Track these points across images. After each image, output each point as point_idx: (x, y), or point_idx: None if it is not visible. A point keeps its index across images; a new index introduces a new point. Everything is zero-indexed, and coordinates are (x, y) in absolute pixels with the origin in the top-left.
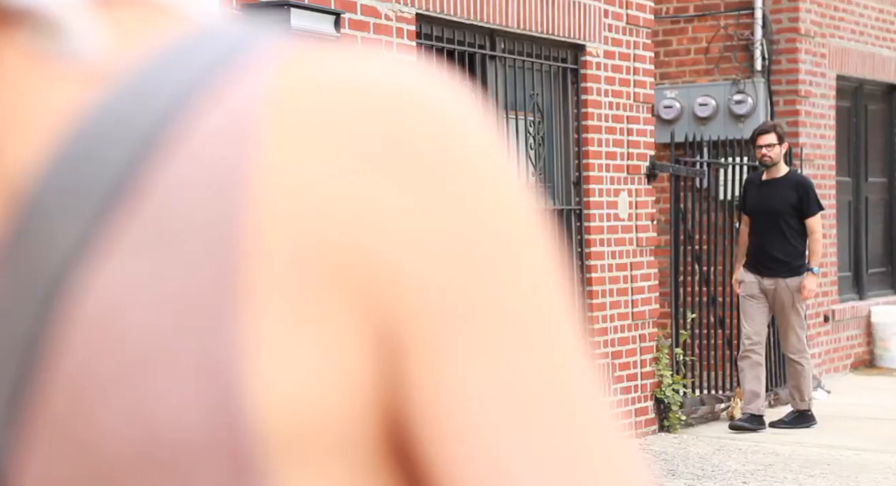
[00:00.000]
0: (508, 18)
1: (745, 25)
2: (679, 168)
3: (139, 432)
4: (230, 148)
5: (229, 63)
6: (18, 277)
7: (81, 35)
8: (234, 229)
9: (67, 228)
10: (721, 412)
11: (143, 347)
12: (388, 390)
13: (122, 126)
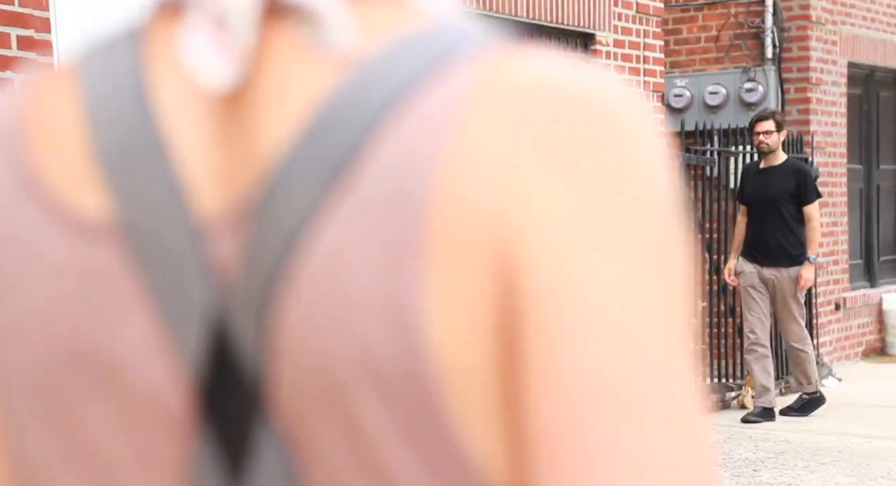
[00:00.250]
0: (518, 8)
1: (756, 13)
2: (689, 157)
3: (354, 355)
4: (428, 139)
5: (446, 60)
6: (268, 226)
7: (337, 28)
8: (421, 205)
9: (303, 195)
10: (731, 401)
11: (355, 290)
12: (508, 346)
13: (354, 109)
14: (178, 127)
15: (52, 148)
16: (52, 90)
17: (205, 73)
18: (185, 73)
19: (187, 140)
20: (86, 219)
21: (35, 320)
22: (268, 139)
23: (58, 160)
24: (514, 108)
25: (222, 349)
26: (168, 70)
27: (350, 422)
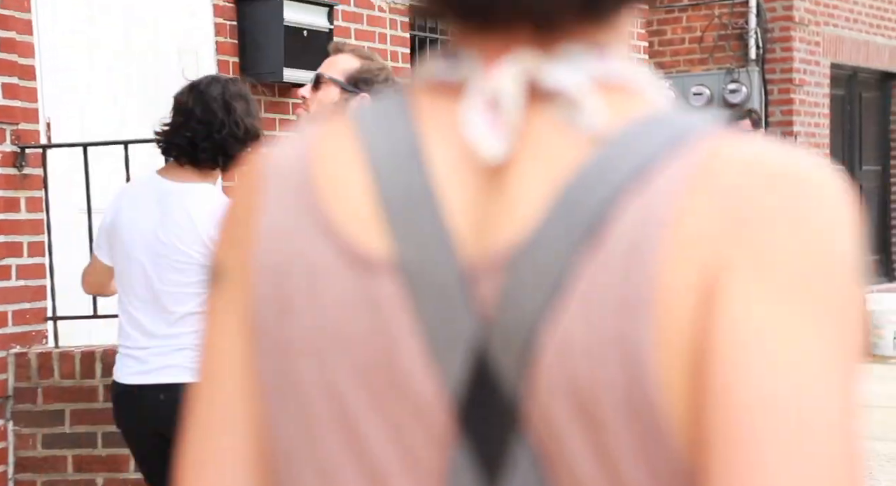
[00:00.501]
0: None
1: (739, 14)
2: None
3: (601, 384)
4: (661, 208)
5: (679, 142)
6: (528, 276)
7: (589, 110)
8: (653, 266)
9: (560, 251)
10: None
11: (600, 330)
12: (697, 376)
13: (602, 181)
14: (449, 185)
15: (339, 195)
16: (334, 145)
17: (482, 145)
18: (457, 141)
19: (456, 197)
20: (370, 256)
21: (324, 337)
22: (526, 204)
23: (345, 206)
24: (731, 183)
25: (482, 374)
26: (440, 137)
27: (598, 438)
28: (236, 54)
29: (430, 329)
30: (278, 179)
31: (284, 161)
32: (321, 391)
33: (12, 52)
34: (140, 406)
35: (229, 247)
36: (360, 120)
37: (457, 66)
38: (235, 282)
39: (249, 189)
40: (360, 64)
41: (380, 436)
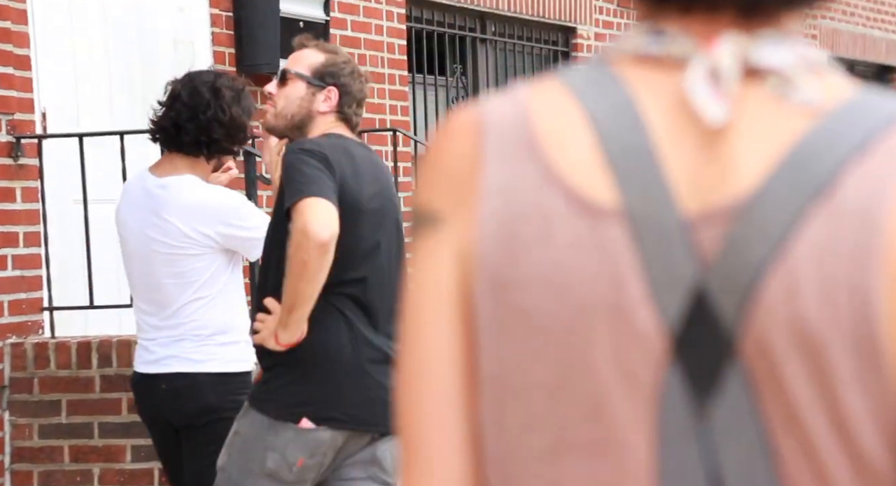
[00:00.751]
0: (499, 1)
1: None
2: None
3: (827, 318)
4: (886, 175)
5: (891, 122)
6: (753, 227)
7: (805, 87)
8: (880, 220)
9: (786, 206)
10: None
11: (830, 273)
12: None
13: (828, 148)
14: (667, 144)
15: (564, 149)
16: (552, 105)
17: (706, 110)
18: (673, 107)
19: (674, 155)
20: (599, 205)
21: (557, 272)
22: (748, 164)
23: (571, 158)
24: None
25: (699, 310)
26: (655, 103)
27: (817, 367)
28: (232, 46)
29: (653, 270)
30: (496, 134)
31: (500, 118)
32: (549, 320)
33: (7, 42)
34: (149, 395)
35: (442, 195)
36: (572, 84)
37: (665, 43)
38: (452, 226)
39: (463, 143)
40: (325, 58)
41: (603, 359)
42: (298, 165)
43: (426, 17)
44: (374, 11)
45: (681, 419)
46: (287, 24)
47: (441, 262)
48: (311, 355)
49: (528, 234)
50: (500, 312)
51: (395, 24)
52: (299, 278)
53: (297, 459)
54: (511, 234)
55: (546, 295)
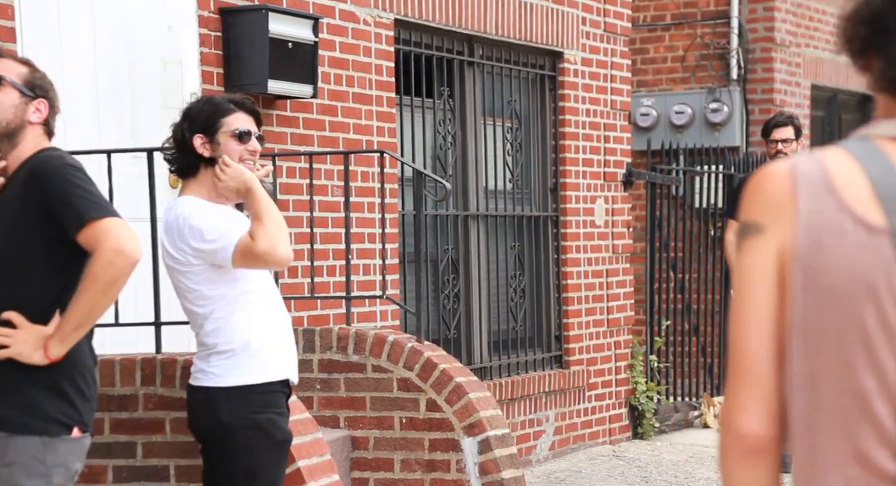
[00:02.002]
0: (487, 25)
1: (721, 34)
2: (655, 176)
3: (846, 270)
4: None
5: None
6: None
7: None
8: None
9: None
10: (694, 420)
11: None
12: None
13: None
14: None
15: (851, 191)
16: (843, 165)
17: None
18: None
19: None
20: (874, 225)
21: (848, 265)
22: None
23: (856, 197)
24: None
25: None
26: None
27: None
28: (221, 65)
29: None
30: (805, 179)
31: (807, 169)
32: (841, 297)
33: None
34: (187, 407)
35: (765, 215)
36: (851, 150)
37: None
38: (771, 235)
39: (782, 183)
40: (28, 70)
41: (870, 314)
42: (78, 182)
43: (414, 39)
44: (362, 33)
45: None
46: (276, 44)
47: (766, 251)
48: (70, 367)
49: (830, 240)
50: (807, 284)
51: (383, 46)
52: (103, 294)
53: (77, 468)
54: (817, 239)
55: (839, 276)
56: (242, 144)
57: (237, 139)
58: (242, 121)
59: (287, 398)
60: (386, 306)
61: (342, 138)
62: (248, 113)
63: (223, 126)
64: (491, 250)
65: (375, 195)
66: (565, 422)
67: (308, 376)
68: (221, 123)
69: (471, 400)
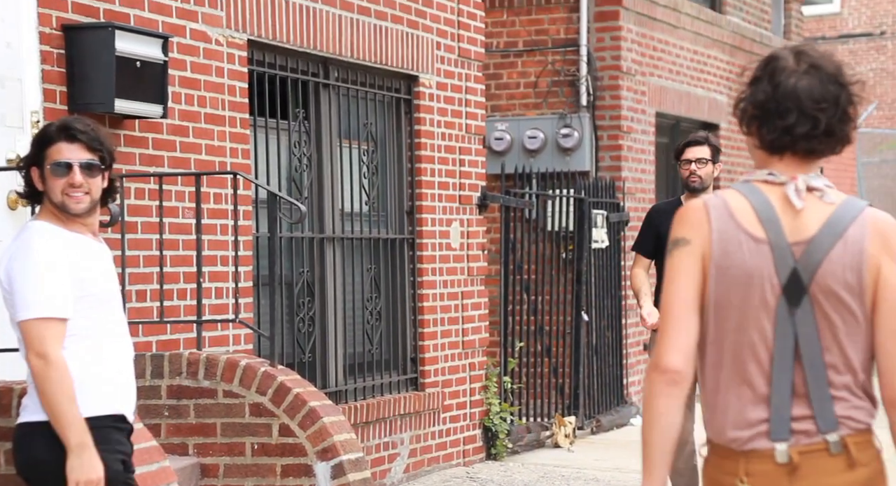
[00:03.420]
0: (342, 47)
1: (571, 61)
2: (509, 199)
3: (840, 281)
4: (861, 234)
5: (861, 209)
6: (815, 248)
7: (829, 195)
8: (862, 248)
9: (828, 241)
10: (546, 440)
11: (843, 262)
12: (876, 280)
13: (840, 220)
14: (781, 215)
15: (743, 216)
16: (737, 199)
17: (795, 202)
18: (783, 201)
19: (783, 219)
20: (759, 237)
21: (742, 263)
22: (809, 225)
23: (747, 220)
24: (881, 227)
25: (794, 276)
26: (776, 199)
27: (838, 300)
28: (64, 84)
29: (778, 262)
30: (714, 208)
31: (715, 203)
32: (738, 282)
33: None
34: None
35: (689, 231)
36: (741, 190)
37: (776, 177)
38: (694, 246)
39: (700, 212)
40: None
41: (756, 296)
42: None
43: (268, 60)
44: (214, 53)
45: (784, 316)
46: (123, 63)
47: (693, 254)
48: None
49: (732, 248)
50: (718, 276)
51: (236, 66)
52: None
53: None
54: (724, 247)
55: (738, 270)
56: (61, 179)
57: (54, 175)
58: (63, 152)
59: (127, 434)
60: (239, 330)
61: (194, 159)
62: (70, 141)
63: (46, 159)
64: (347, 273)
65: (229, 217)
66: (420, 444)
67: (156, 403)
68: (45, 155)
69: (325, 424)
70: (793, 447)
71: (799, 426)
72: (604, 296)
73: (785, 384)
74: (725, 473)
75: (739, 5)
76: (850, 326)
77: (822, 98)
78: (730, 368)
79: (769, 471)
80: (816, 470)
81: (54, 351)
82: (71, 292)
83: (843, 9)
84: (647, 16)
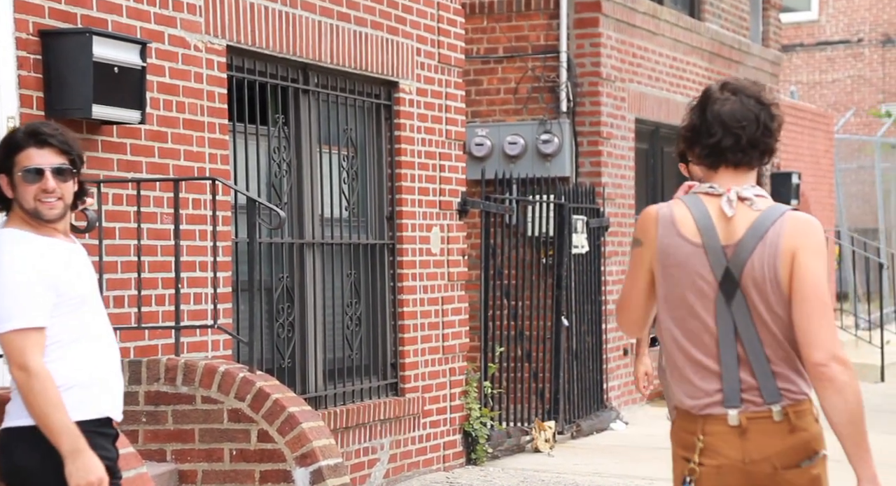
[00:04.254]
0: (321, 53)
1: (552, 68)
2: (489, 205)
3: (765, 276)
4: (780, 232)
5: (783, 213)
6: (742, 249)
7: (757, 202)
8: (778, 246)
9: (752, 243)
10: (526, 444)
11: (764, 261)
12: (791, 271)
13: (763, 223)
14: (716, 221)
15: (684, 225)
16: (680, 209)
17: (727, 211)
18: (718, 210)
19: (718, 225)
20: (696, 242)
21: (680, 262)
22: (738, 228)
23: (687, 228)
24: (797, 226)
25: (727, 273)
26: (713, 208)
27: (762, 291)
28: (41, 89)
29: (712, 262)
30: (662, 217)
31: (663, 211)
32: (681, 280)
33: None
34: None
35: (643, 234)
36: (685, 202)
37: (715, 189)
38: (645, 246)
39: (651, 219)
40: None
41: (694, 291)
42: None
43: (248, 66)
44: (193, 59)
45: (722, 307)
46: (101, 69)
47: (644, 255)
48: None
49: (672, 249)
50: (664, 274)
51: (215, 72)
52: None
53: None
54: (666, 249)
55: (679, 269)
56: (33, 185)
57: (26, 181)
58: (33, 157)
59: (112, 439)
60: (218, 336)
61: (172, 165)
62: (40, 145)
63: (16, 165)
64: (327, 278)
65: (207, 223)
66: (400, 450)
67: (133, 409)
68: (14, 161)
69: (304, 430)
70: (742, 412)
71: (747, 396)
72: (584, 301)
73: (731, 362)
74: (687, 432)
75: (718, 13)
76: (774, 312)
77: (743, 117)
78: (685, 349)
79: (722, 432)
80: (762, 433)
81: (34, 362)
82: (46, 300)
83: (821, 16)
84: (626, 23)
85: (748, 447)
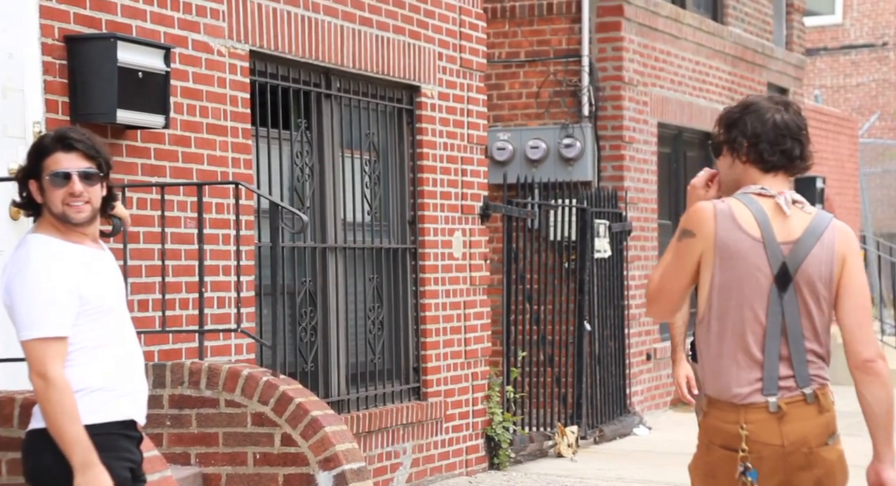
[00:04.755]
0: (344, 58)
1: (573, 72)
2: (511, 209)
3: (819, 274)
4: (833, 236)
5: (830, 220)
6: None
7: (807, 206)
8: (833, 248)
9: (810, 242)
10: (549, 449)
11: (820, 259)
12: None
13: (818, 226)
14: (772, 220)
15: (744, 220)
16: (738, 206)
17: (786, 210)
18: (774, 209)
19: (775, 223)
20: (756, 237)
21: (743, 255)
22: (795, 229)
23: (746, 223)
24: (846, 233)
25: (783, 269)
26: (769, 208)
27: (813, 287)
28: (66, 94)
29: (770, 257)
30: (720, 212)
31: (721, 207)
32: (740, 271)
33: None
34: None
35: (697, 227)
36: (741, 200)
37: (767, 191)
38: (699, 238)
39: (707, 214)
40: None
41: (752, 282)
42: None
43: (270, 71)
44: (216, 64)
45: (774, 299)
46: (125, 74)
47: (694, 248)
48: None
49: (733, 242)
50: (723, 265)
51: (238, 77)
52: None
53: None
54: (726, 242)
55: (739, 261)
56: (61, 189)
57: (53, 185)
58: (60, 162)
59: (136, 442)
60: (241, 340)
61: (196, 169)
62: (67, 150)
63: (44, 170)
64: (349, 283)
65: (231, 227)
66: (422, 454)
67: (158, 413)
68: (43, 166)
69: (327, 434)
70: (780, 399)
71: (784, 383)
72: (606, 305)
73: (774, 351)
74: (728, 422)
75: (741, 16)
76: (820, 307)
77: (799, 128)
78: (731, 339)
79: (762, 419)
80: (798, 416)
81: (54, 371)
82: (70, 308)
83: (846, 20)
84: (648, 26)
85: (786, 430)
